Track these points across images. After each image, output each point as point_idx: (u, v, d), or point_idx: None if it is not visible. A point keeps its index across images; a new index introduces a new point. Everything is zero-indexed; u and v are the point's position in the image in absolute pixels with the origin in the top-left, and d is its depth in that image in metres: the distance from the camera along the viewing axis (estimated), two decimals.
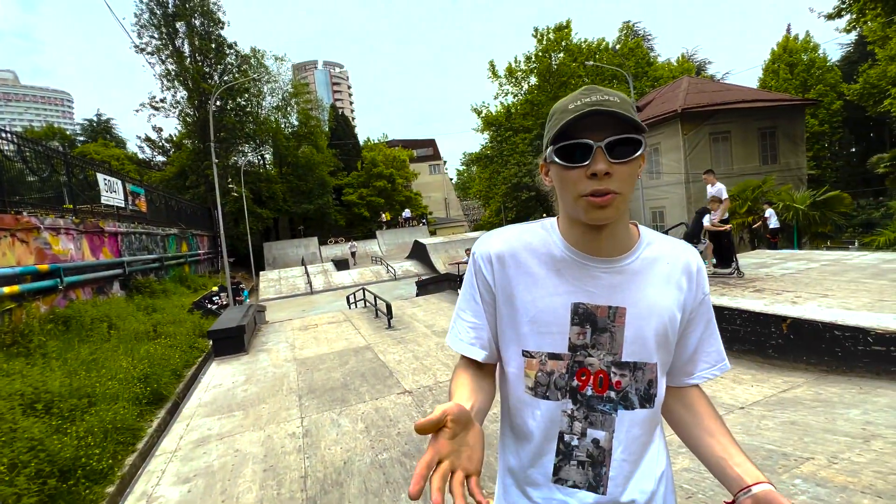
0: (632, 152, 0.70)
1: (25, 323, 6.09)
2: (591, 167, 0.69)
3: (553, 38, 28.32)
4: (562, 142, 0.71)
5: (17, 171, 8.10)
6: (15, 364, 5.02)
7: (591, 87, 0.73)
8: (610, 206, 0.70)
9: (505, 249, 0.83)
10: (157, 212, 14.99)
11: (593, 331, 0.78)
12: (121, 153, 30.91)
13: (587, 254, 0.78)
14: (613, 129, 0.69)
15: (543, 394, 0.80)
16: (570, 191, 0.72)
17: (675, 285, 0.81)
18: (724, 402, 3.32)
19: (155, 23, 21.79)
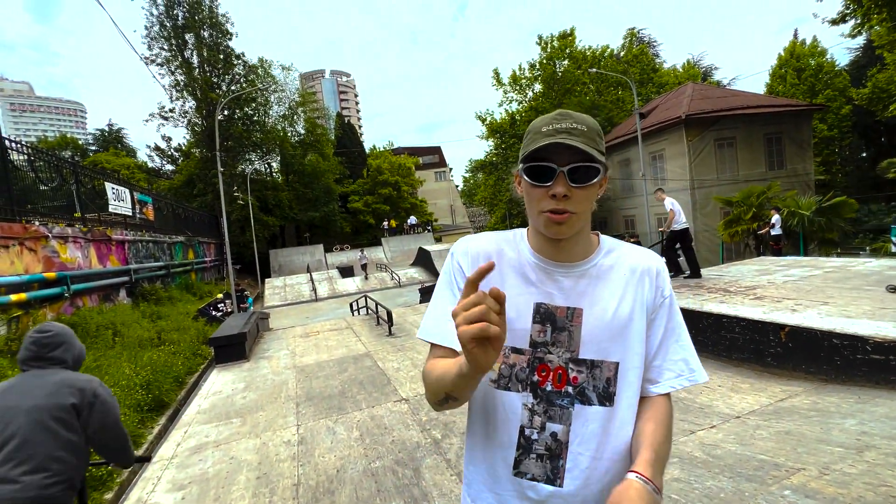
0: (591, 178, 0.78)
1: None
2: (552, 189, 0.77)
3: (557, 46, 28.47)
4: (530, 162, 0.79)
5: (30, 180, 8.29)
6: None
7: (564, 113, 0.80)
8: (565, 224, 0.79)
9: (480, 251, 0.91)
10: (164, 220, 15.19)
11: (553, 329, 0.84)
12: (131, 162, 31.46)
13: (550, 259, 0.86)
14: (577, 155, 0.76)
15: (506, 385, 0.85)
16: (534, 205, 0.81)
17: (634, 288, 0.86)
18: (720, 410, 3.29)
19: (165, 35, 22.25)
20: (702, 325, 4.60)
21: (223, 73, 23.85)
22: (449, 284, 0.92)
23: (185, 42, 22.66)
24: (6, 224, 6.42)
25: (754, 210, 13.27)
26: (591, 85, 28.68)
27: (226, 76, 24.02)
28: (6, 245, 6.27)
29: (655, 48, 35.49)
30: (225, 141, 22.51)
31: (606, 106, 26.38)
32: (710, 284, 6.02)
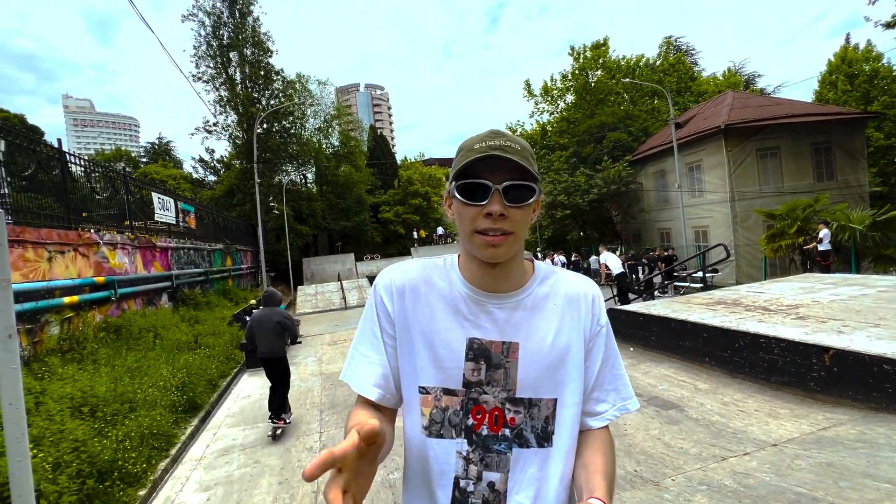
0: (526, 197, 0.74)
1: (81, 331, 6.60)
2: (487, 207, 0.72)
3: (590, 56, 28.19)
4: (463, 180, 0.74)
5: (87, 190, 8.92)
6: (69, 369, 5.44)
7: (497, 132, 0.76)
8: (502, 246, 0.74)
9: (406, 282, 0.84)
10: (205, 228, 15.94)
11: (488, 367, 0.78)
12: (178, 173, 33.27)
13: (482, 290, 0.80)
14: (512, 174, 0.73)
15: (438, 432, 0.78)
16: (467, 226, 0.75)
17: (570, 317, 0.81)
18: (755, 437, 3.10)
19: (211, 53, 23.57)
20: (738, 345, 4.38)
21: (263, 89, 24.97)
22: (370, 324, 0.84)
23: (229, 60, 23.92)
24: (63, 231, 6.92)
25: (800, 224, 12.56)
26: (625, 95, 28.18)
27: (266, 91, 25.13)
28: (62, 251, 6.75)
29: (693, 56, 34.55)
30: (263, 153, 23.49)
31: (641, 116, 25.79)
32: (749, 302, 5.72)
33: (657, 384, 4.48)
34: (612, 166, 21.47)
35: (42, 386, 4.69)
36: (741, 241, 16.60)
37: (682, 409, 3.81)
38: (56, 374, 5.20)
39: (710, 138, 17.45)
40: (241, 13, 23.77)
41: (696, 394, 4.10)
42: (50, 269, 6.37)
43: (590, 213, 23.39)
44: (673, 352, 5.24)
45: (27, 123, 30.12)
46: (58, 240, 6.65)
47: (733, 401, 3.83)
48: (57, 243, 6.62)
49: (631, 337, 5.97)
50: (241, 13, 23.75)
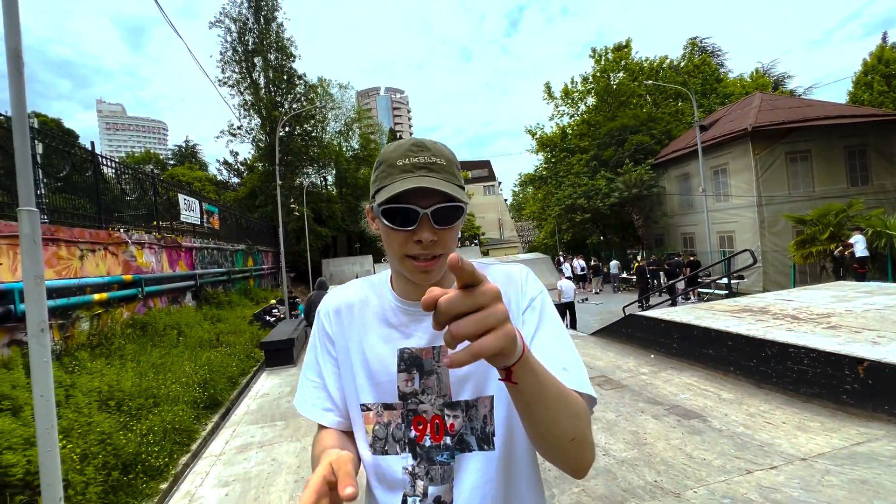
0: (455, 218, 0.71)
1: (109, 327, 6.83)
2: (416, 234, 0.69)
3: (612, 59, 27.83)
4: (388, 204, 0.69)
5: (117, 192, 9.25)
6: (97, 363, 5.63)
7: (420, 145, 0.72)
8: (434, 270, 0.72)
9: (342, 303, 0.85)
10: (228, 229, 16.32)
11: (421, 375, 0.76)
12: (203, 175, 34.20)
13: (413, 301, 0.78)
14: (439, 196, 0.69)
15: (382, 449, 0.76)
16: (395, 249, 0.72)
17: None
18: (783, 450, 2.98)
19: (236, 59, 24.20)
20: (764, 355, 4.23)
21: (286, 93, 25.48)
22: (314, 349, 0.85)
23: (253, 64, 24.51)
24: (94, 231, 7.18)
25: (832, 229, 12.09)
26: (648, 97, 27.70)
27: (288, 95, 25.63)
28: (93, 249, 7.00)
29: (720, 58, 33.71)
30: (285, 156, 23.95)
31: (664, 118, 25.29)
32: (777, 310, 5.52)
33: (679, 393, 4.36)
34: (634, 169, 21.10)
35: (72, 379, 4.86)
36: (768, 247, 16.08)
37: (704, 419, 3.70)
38: (85, 368, 5.39)
39: (737, 141, 16.98)
40: (266, 19, 24.35)
41: (720, 404, 3.97)
42: (81, 266, 6.61)
43: (610, 217, 23.03)
44: (695, 360, 5.10)
45: (63, 127, 31.45)
46: (89, 239, 6.90)
47: (759, 412, 3.69)
48: (88, 242, 6.87)
49: (651, 343, 5.83)
50: (265, 19, 24.33)
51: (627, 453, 3.26)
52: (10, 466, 3.12)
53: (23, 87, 2.32)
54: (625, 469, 3.02)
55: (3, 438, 3.28)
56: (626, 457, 3.20)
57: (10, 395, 3.97)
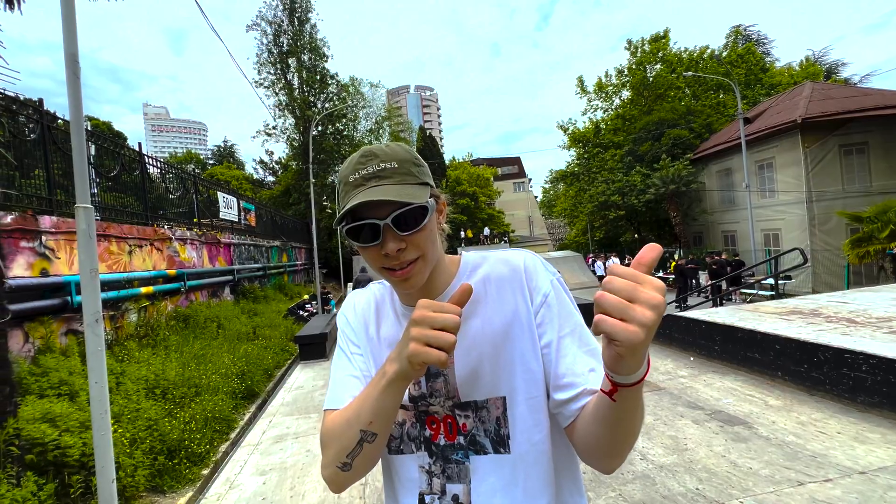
0: (420, 220, 0.67)
1: (155, 319, 7.18)
2: (382, 247, 0.66)
3: (649, 50, 26.91)
4: (347, 223, 0.68)
5: (161, 190, 9.71)
6: (144, 353, 5.93)
7: (368, 153, 0.69)
8: (413, 275, 0.69)
9: (363, 307, 0.84)
10: (264, 226, 16.84)
11: (427, 379, 0.75)
12: (240, 174, 35.44)
13: (409, 304, 0.77)
14: (396, 203, 0.65)
15: (398, 448, 0.76)
16: (373, 264, 0.71)
17: (503, 298, 0.74)
18: (838, 462, 2.79)
19: (272, 60, 24.92)
20: (817, 360, 3.98)
21: (319, 93, 26.04)
22: (346, 350, 0.84)
23: (287, 66, 25.18)
24: (141, 227, 7.56)
25: (892, 227, 11.25)
26: (687, 89, 26.63)
27: (321, 95, 26.19)
28: (140, 245, 7.37)
29: (765, 46, 31.98)
30: (317, 154, 24.48)
31: (704, 111, 24.23)
32: (830, 312, 5.19)
33: (721, 397, 4.17)
34: (672, 165, 20.34)
35: (122, 368, 5.14)
36: (819, 246, 15.15)
37: (749, 425, 3.52)
38: (134, 357, 5.68)
39: (785, 134, 16.07)
40: (300, 20, 24.94)
41: (767, 410, 3.77)
42: (130, 261, 6.98)
43: (645, 215, 22.32)
44: (739, 364, 4.86)
45: (113, 130, 33.30)
46: (137, 235, 7.27)
47: (811, 420, 3.47)
48: (136, 238, 7.24)
49: (691, 345, 5.60)
50: (299, 20, 24.92)
51: (666, 458, 3.14)
52: (68, 448, 3.33)
53: (79, 90, 2.44)
54: (664, 475, 2.91)
55: (61, 421, 3.50)
56: (666, 462, 3.08)
57: (68, 380, 4.23)
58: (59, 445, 3.29)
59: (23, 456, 2.94)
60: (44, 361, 4.40)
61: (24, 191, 5.32)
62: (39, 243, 5.05)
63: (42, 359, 4.46)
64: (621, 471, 3.00)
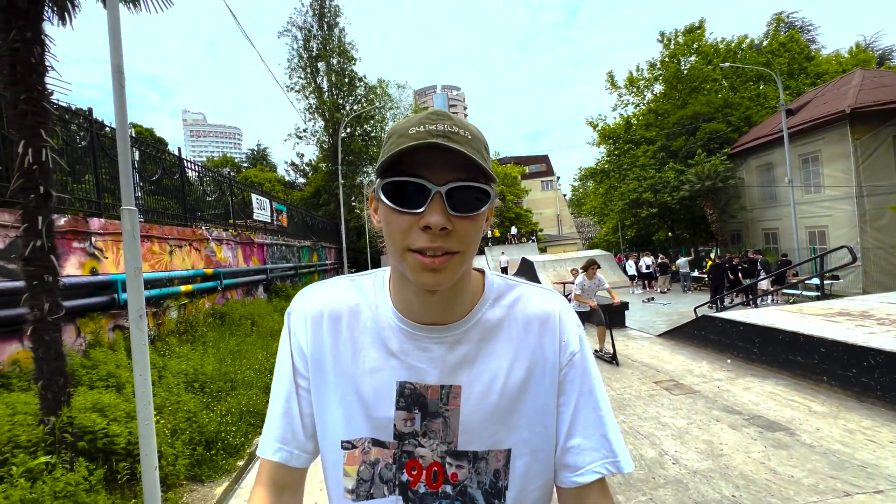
0: (478, 205, 0.56)
1: (194, 316, 7.51)
2: (425, 217, 0.53)
3: (683, 42, 25.96)
4: (392, 176, 0.55)
5: (199, 192, 10.14)
6: (184, 349, 6.21)
7: (441, 113, 0.57)
8: (444, 270, 0.55)
9: (325, 309, 0.67)
10: (295, 226, 17.30)
11: (423, 416, 0.63)
12: (273, 176, 36.53)
13: (417, 321, 0.63)
14: (459, 171, 0.54)
15: (367, 492, 0.64)
16: (397, 240, 0.56)
17: (529, 346, 0.65)
18: (890, 473, 2.62)
19: (302, 65, 25.57)
20: (867, 364, 3.75)
21: (347, 95, 26.52)
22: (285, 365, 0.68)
23: (317, 70, 25.77)
24: (181, 228, 7.92)
25: None
26: (724, 81, 25.55)
27: (349, 97, 26.66)
28: (180, 245, 7.72)
29: (810, 33, 30.29)
30: (346, 156, 24.95)
31: (743, 104, 23.18)
32: (882, 314, 4.87)
33: (760, 402, 3.99)
34: (708, 160, 19.57)
35: (163, 362, 5.40)
36: (870, 244, 14.23)
37: (791, 432, 3.35)
38: (174, 352, 5.96)
39: (832, 125, 15.17)
40: (329, 25, 25.48)
41: (811, 416, 3.58)
42: (171, 261, 7.32)
43: (679, 212, 21.56)
44: (780, 367, 4.64)
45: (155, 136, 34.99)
46: (177, 236, 7.62)
47: (860, 428, 3.28)
48: (176, 239, 7.59)
49: (728, 347, 5.39)
50: (328, 25, 25.46)
51: (701, 464, 3.04)
52: (115, 436, 3.53)
53: (124, 99, 2.59)
54: (698, 480, 2.82)
55: (109, 411, 3.71)
56: (700, 468, 2.98)
57: (115, 373, 4.48)
58: (108, 434, 3.49)
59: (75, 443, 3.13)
60: (93, 355, 4.68)
61: (76, 195, 5.67)
62: (89, 244, 5.37)
63: (92, 352, 4.74)
64: (652, 474, 2.92)
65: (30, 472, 2.71)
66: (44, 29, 3.11)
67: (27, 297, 2.93)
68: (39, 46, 3.05)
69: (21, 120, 2.94)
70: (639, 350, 6.26)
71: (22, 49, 2.94)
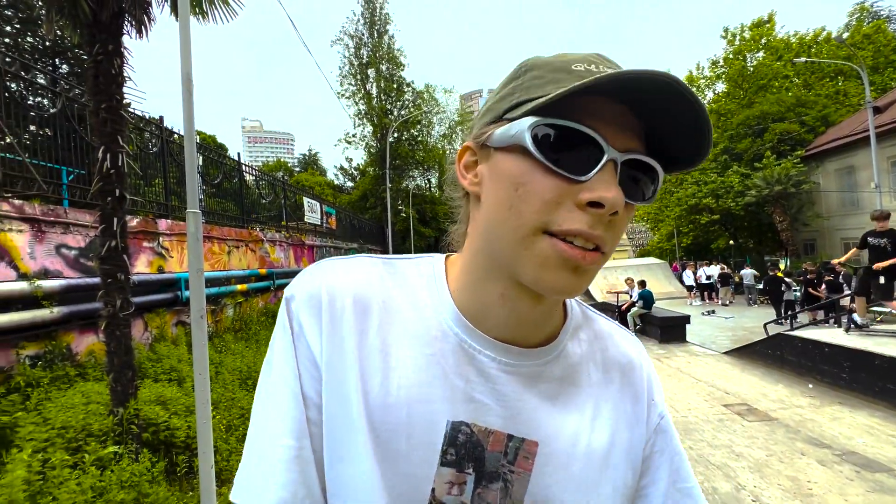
0: (652, 189, 0.41)
1: (248, 314, 7.81)
2: (595, 189, 0.36)
3: (749, 37, 24.33)
4: (554, 118, 0.37)
5: (255, 196, 10.62)
6: (239, 346, 6.45)
7: (608, 59, 0.41)
8: (589, 274, 0.39)
9: (348, 293, 0.45)
10: (343, 229, 17.76)
11: (478, 478, 0.42)
12: (322, 180, 37.88)
13: (489, 335, 0.44)
14: (636, 141, 0.39)
15: None
16: (528, 213, 0.38)
17: (612, 400, 0.48)
18: None
19: (353, 72, 26.38)
20: None
21: (395, 100, 27.04)
22: (287, 378, 0.43)
23: (367, 76, 26.48)
24: (238, 230, 8.28)
25: None
26: (796, 78, 23.64)
27: (397, 102, 27.17)
28: (237, 246, 8.07)
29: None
30: (393, 160, 25.39)
31: (819, 102, 21.31)
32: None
33: (854, 436, 3.53)
34: (778, 163, 18.12)
35: (220, 358, 5.61)
36: None
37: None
38: (230, 349, 6.19)
39: None
40: (379, 33, 26.17)
41: None
42: (228, 260, 7.66)
43: (744, 219, 20.11)
44: (877, 396, 4.10)
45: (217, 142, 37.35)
46: (235, 237, 7.97)
47: None
48: (234, 240, 7.94)
49: (809, 370, 4.85)
50: (378, 33, 26.16)
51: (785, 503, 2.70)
52: (176, 430, 3.67)
53: (192, 106, 2.66)
54: None
55: (171, 405, 3.88)
56: None
57: (177, 367, 4.70)
58: (169, 427, 3.64)
59: (140, 434, 3.28)
60: (158, 349, 4.93)
61: (146, 198, 6.05)
62: (157, 244, 5.70)
63: (157, 346, 5.00)
64: None
65: (100, 460, 2.84)
66: (123, 42, 3.30)
67: (102, 293, 3.09)
68: (119, 58, 3.23)
69: (101, 127, 3.12)
70: (703, 368, 5.80)
71: (104, 61, 3.13)
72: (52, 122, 4.81)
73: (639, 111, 0.38)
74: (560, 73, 0.38)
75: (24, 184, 4.22)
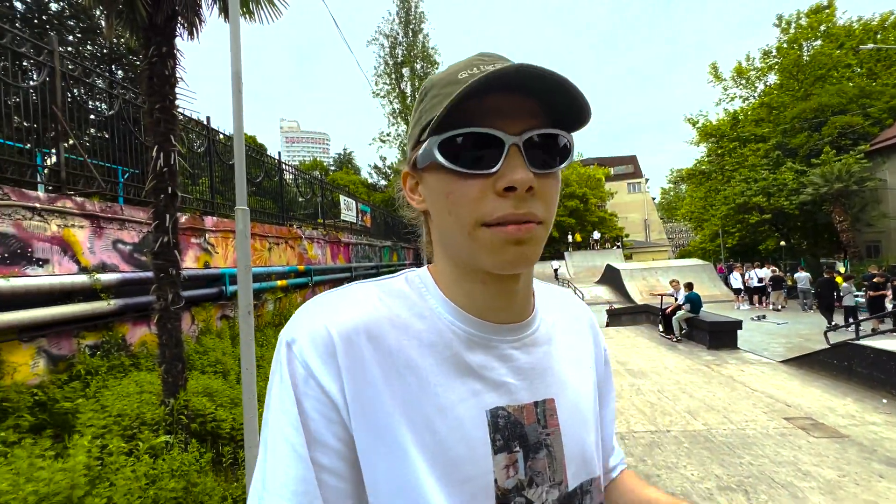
0: (563, 157, 0.46)
1: (287, 309, 7.99)
2: (505, 176, 0.42)
3: (806, 24, 22.79)
4: (451, 130, 0.42)
5: (293, 194, 10.88)
6: None
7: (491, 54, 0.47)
8: (532, 241, 0.44)
9: (359, 324, 0.45)
10: (377, 227, 17.96)
11: (526, 453, 0.46)
12: (357, 179, 38.54)
13: (490, 321, 0.49)
14: (533, 119, 0.43)
15: None
16: (465, 214, 0.43)
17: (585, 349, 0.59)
18: None
19: (387, 71, 26.64)
20: None
21: None
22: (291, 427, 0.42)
23: (401, 75, 26.68)
24: (278, 227, 8.49)
25: None
26: (860, 67, 21.93)
27: None
28: (277, 242, 8.28)
29: None
30: None
31: (886, 92, 19.68)
32: None
33: None
34: (838, 159, 16.88)
35: (261, 352, 5.75)
36: None
37: None
38: (271, 343, 6.34)
39: None
40: (413, 32, 26.32)
41: None
42: (269, 257, 7.86)
43: (798, 218, 18.90)
44: None
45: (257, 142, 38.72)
46: (275, 234, 8.17)
47: None
48: (274, 237, 8.14)
49: (883, 384, 4.45)
50: (413, 32, 26.31)
51: None
52: (221, 421, 3.76)
53: (241, 104, 2.69)
54: None
55: (217, 397, 3.98)
56: None
57: (222, 360, 4.84)
58: (215, 418, 3.73)
59: (189, 424, 3.37)
60: (205, 341, 5.10)
61: (194, 195, 6.28)
62: (204, 240, 5.90)
63: (203, 339, 5.17)
64: None
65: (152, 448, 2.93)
66: (176, 44, 3.39)
67: (154, 287, 3.20)
68: (172, 60, 3.32)
69: (155, 127, 3.22)
70: (758, 377, 5.43)
71: (158, 63, 3.23)
72: (109, 123, 5.05)
73: (526, 93, 0.42)
74: (450, 87, 0.45)
75: (85, 182, 4.45)
